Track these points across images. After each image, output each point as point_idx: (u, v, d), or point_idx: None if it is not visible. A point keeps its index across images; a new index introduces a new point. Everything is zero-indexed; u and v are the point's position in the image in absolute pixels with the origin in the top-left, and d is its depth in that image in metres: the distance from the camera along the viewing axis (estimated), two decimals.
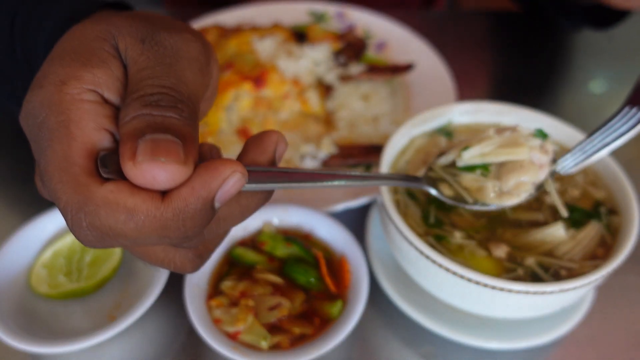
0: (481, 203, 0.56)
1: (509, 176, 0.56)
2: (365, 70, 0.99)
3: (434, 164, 0.60)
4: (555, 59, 1.16)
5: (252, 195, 0.41)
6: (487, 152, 0.57)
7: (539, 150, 0.57)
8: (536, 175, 0.56)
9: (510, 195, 0.56)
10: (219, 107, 0.89)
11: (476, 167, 0.58)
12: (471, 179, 0.57)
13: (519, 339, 0.63)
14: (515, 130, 0.60)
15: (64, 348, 0.58)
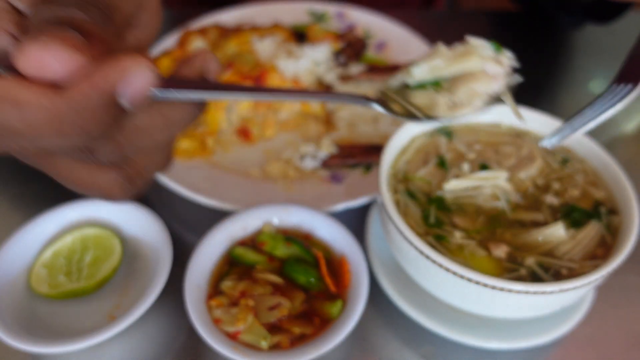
0: (432, 117, 0.54)
1: (461, 88, 0.54)
2: (365, 70, 0.99)
3: (384, 86, 0.58)
4: (555, 58, 1.16)
5: (176, 106, 0.39)
6: (438, 66, 0.55)
7: (493, 61, 0.56)
8: (490, 85, 0.55)
9: (462, 105, 0.54)
10: (218, 107, 0.89)
11: (427, 84, 0.55)
12: (423, 96, 0.55)
13: (519, 338, 0.63)
14: (466, 42, 0.58)
15: (64, 348, 0.58)
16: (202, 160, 0.86)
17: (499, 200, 0.64)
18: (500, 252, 0.59)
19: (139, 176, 0.43)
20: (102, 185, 0.41)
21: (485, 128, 0.74)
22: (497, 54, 0.57)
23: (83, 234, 0.70)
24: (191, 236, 0.78)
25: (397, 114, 0.54)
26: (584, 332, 0.67)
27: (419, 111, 0.54)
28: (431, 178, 0.67)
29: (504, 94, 0.56)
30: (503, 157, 0.70)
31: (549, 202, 0.64)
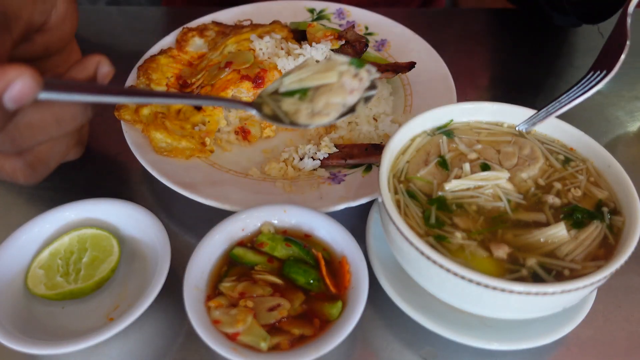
0: (295, 122, 0.62)
1: (319, 98, 0.62)
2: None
3: (263, 92, 0.66)
4: (555, 57, 1.15)
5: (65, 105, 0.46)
6: (304, 77, 0.63)
7: (351, 76, 0.63)
8: (345, 97, 0.62)
9: (320, 115, 0.62)
10: (217, 106, 0.88)
11: (295, 92, 0.64)
12: (290, 103, 0.63)
13: (520, 340, 0.62)
14: (329, 59, 0.66)
15: (61, 349, 0.57)
16: (200, 160, 0.86)
17: (501, 201, 0.63)
18: (502, 253, 0.58)
19: (41, 163, 0.50)
20: (7, 170, 0.49)
21: (487, 127, 0.74)
22: (357, 69, 0.64)
23: (80, 235, 0.70)
24: (190, 236, 0.78)
25: (267, 117, 0.63)
26: (585, 332, 0.66)
27: (285, 116, 0.63)
28: (432, 178, 0.67)
29: (358, 106, 0.64)
30: (504, 156, 0.69)
31: (551, 202, 0.64)
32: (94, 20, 1.24)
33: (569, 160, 0.69)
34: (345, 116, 0.63)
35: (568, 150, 0.71)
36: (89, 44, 1.18)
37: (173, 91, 0.55)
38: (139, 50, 1.03)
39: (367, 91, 0.65)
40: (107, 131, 0.94)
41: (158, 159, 0.83)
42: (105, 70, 0.49)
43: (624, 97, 1.06)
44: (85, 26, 1.23)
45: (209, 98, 0.63)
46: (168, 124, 0.86)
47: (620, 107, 1.03)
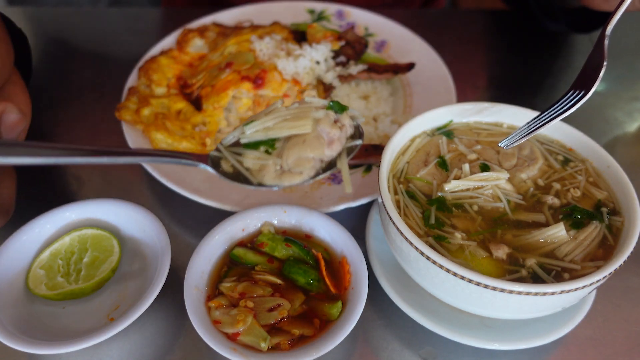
0: (261, 184, 0.53)
1: (289, 153, 0.52)
2: (365, 69, 0.98)
3: (221, 144, 0.56)
4: (554, 58, 1.16)
5: None
6: (271, 126, 0.53)
7: (329, 124, 0.53)
8: (322, 150, 0.52)
9: (291, 174, 0.52)
10: (218, 107, 0.88)
11: (260, 143, 0.54)
12: (254, 157, 0.54)
13: (520, 340, 0.62)
14: (303, 101, 0.56)
15: (62, 349, 0.57)
16: None
17: (500, 201, 0.64)
18: (501, 253, 0.58)
19: None
20: None
21: (487, 128, 0.74)
22: (338, 114, 0.54)
23: (81, 235, 0.70)
24: (190, 237, 0.78)
25: (226, 175, 0.53)
26: (585, 332, 0.67)
27: (249, 174, 0.53)
28: (431, 178, 0.67)
29: (339, 161, 0.54)
30: (504, 157, 0.69)
31: (550, 202, 0.64)
32: (95, 21, 1.25)
33: (568, 161, 0.70)
34: (322, 175, 0.53)
35: (567, 150, 0.71)
36: (90, 45, 1.18)
37: (106, 147, 0.49)
38: (139, 51, 1.03)
39: (351, 141, 0.55)
40: (107, 131, 0.95)
41: None
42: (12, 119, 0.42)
43: (622, 98, 1.06)
44: (86, 28, 1.23)
45: (143, 154, 0.50)
46: (169, 124, 0.87)
47: (619, 108, 1.03)
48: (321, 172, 0.53)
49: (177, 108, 0.91)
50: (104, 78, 1.08)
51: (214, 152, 0.55)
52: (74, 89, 1.06)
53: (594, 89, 0.56)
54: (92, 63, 1.13)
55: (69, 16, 1.27)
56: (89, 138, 0.95)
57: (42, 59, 1.15)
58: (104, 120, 0.96)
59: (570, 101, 0.57)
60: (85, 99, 1.03)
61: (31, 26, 1.25)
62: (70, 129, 0.97)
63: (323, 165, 0.53)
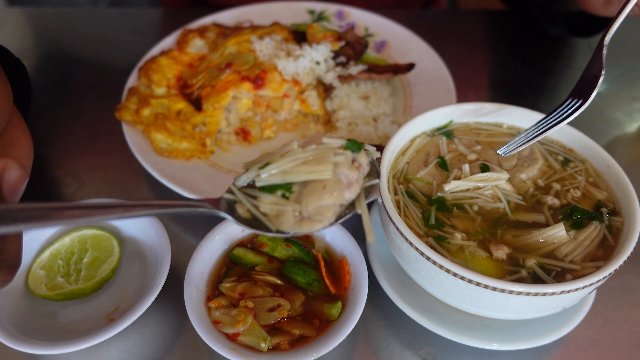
0: (280, 230, 0.50)
1: (309, 199, 0.50)
2: (365, 70, 0.98)
3: (234, 185, 0.53)
4: (555, 59, 1.16)
5: None
6: (289, 169, 0.51)
7: (348, 166, 0.51)
8: (342, 195, 0.51)
9: (311, 221, 0.50)
10: (218, 107, 0.88)
11: (277, 187, 0.51)
12: (271, 202, 0.51)
13: (520, 340, 0.62)
14: (321, 142, 0.53)
15: (62, 349, 0.57)
16: (201, 160, 0.86)
17: (500, 202, 0.64)
18: (501, 254, 0.58)
19: None
20: None
21: (487, 128, 0.74)
22: (355, 153, 0.53)
23: (81, 235, 0.70)
24: (190, 237, 0.78)
25: (243, 222, 0.50)
26: (585, 333, 0.67)
27: (267, 220, 0.50)
28: (431, 179, 0.67)
29: (358, 204, 0.52)
30: (504, 158, 0.69)
31: (550, 203, 0.64)
32: (95, 22, 1.25)
33: (568, 161, 0.70)
34: (342, 219, 0.51)
35: (567, 151, 0.71)
36: (90, 45, 1.18)
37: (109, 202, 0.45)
38: (139, 51, 1.03)
39: (368, 180, 0.54)
40: (107, 132, 0.95)
41: (159, 159, 0.83)
42: (14, 177, 0.39)
43: (622, 99, 1.06)
44: (87, 28, 1.23)
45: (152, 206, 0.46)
46: (169, 125, 0.87)
47: (619, 109, 1.04)
48: (341, 218, 0.52)
49: (177, 108, 0.91)
50: (104, 78, 1.08)
51: (228, 195, 0.53)
52: (74, 90, 1.06)
53: (592, 98, 0.57)
54: (92, 63, 1.13)
55: (69, 16, 1.27)
56: (88, 138, 0.95)
57: (42, 59, 1.15)
58: (104, 120, 0.96)
59: (568, 109, 0.58)
60: (85, 99, 1.03)
61: (31, 26, 1.25)
62: (71, 129, 0.97)
63: (342, 208, 0.52)
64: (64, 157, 0.91)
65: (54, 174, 0.89)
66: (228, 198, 0.52)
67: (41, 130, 0.97)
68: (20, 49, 1.17)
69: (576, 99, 0.58)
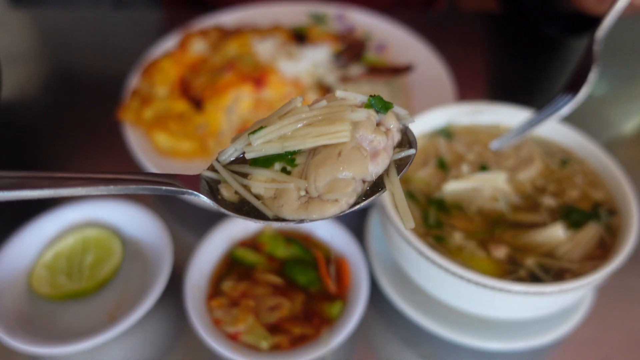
0: (279, 217, 0.37)
1: (319, 172, 0.35)
2: (365, 71, 0.99)
3: (217, 161, 0.39)
4: (553, 60, 1.16)
5: None
6: (290, 134, 0.36)
7: (372, 129, 0.37)
8: (365, 166, 0.36)
9: (322, 202, 0.36)
10: (219, 108, 0.89)
11: (275, 158, 0.37)
12: (266, 179, 0.37)
13: (518, 339, 0.63)
14: (333, 97, 0.38)
15: (65, 349, 0.58)
16: (202, 161, 0.86)
17: (498, 202, 0.64)
18: (500, 253, 0.59)
19: None
20: None
21: (485, 129, 0.74)
22: (381, 114, 0.38)
23: (84, 235, 0.70)
24: (192, 237, 0.78)
25: (229, 207, 0.37)
26: (584, 333, 0.67)
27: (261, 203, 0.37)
28: (431, 179, 0.67)
29: (388, 181, 0.37)
30: (502, 158, 0.70)
31: (548, 203, 0.64)
32: (97, 23, 1.26)
33: (565, 162, 0.70)
34: (366, 202, 0.37)
35: (565, 151, 0.72)
36: (93, 47, 1.19)
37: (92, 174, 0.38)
38: (141, 53, 1.04)
39: (399, 151, 0.39)
40: (108, 132, 0.95)
41: (160, 160, 0.83)
42: None
43: (620, 98, 1.06)
44: (89, 29, 1.24)
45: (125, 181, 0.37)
46: (170, 125, 0.87)
47: (616, 108, 1.04)
48: (364, 199, 0.37)
49: (178, 109, 0.91)
50: (105, 79, 1.08)
51: (208, 173, 0.39)
52: (76, 91, 1.07)
53: (582, 93, 0.57)
54: (93, 65, 1.14)
55: (71, 18, 1.28)
56: (89, 139, 0.95)
57: (44, 60, 1.16)
58: (105, 121, 0.97)
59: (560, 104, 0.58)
60: (86, 101, 1.04)
61: (33, 28, 1.26)
62: (72, 130, 0.97)
63: (366, 187, 0.37)
64: (64, 157, 0.92)
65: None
66: (208, 176, 0.39)
67: (42, 131, 0.97)
68: (22, 50, 1.18)
69: (568, 94, 0.58)
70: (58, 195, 0.36)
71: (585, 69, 0.57)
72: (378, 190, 0.38)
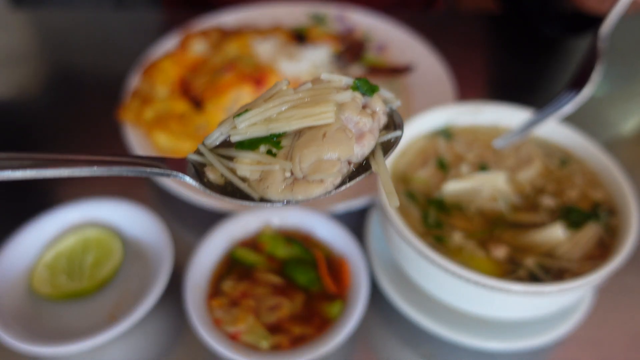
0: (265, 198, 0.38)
1: (304, 152, 0.36)
2: (365, 71, 0.99)
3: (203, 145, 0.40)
4: (553, 60, 1.16)
5: None
6: (275, 116, 0.37)
7: (357, 110, 0.38)
8: (350, 147, 0.37)
9: (307, 183, 0.37)
10: (219, 108, 0.89)
11: (260, 140, 0.38)
12: (251, 162, 0.38)
13: (519, 339, 0.63)
14: (319, 80, 0.39)
15: (65, 348, 0.58)
16: None
17: (498, 202, 0.64)
18: (500, 253, 0.59)
19: None
20: None
21: (484, 130, 0.75)
22: (366, 97, 0.39)
23: (85, 235, 0.70)
24: (192, 237, 0.79)
25: (215, 189, 0.38)
26: (584, 333, 0.67)
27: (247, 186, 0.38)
28: (430, 179, 0.67)
29: (374, 162, 0.38)
30: (502, 158, 0.70)
31: (547, 203, 0.64)
32: (98, 23, 1.26)
33: (565, 162, 0.70)
34: (351, 182, 0.38)
35: (564, 151, 0.72)
36: (93, 47, 1.19)
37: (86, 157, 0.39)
38: (141, 53, 1.04)
39: (385, 133, 0.40)
40: (109, 132, 0.95)
41: None
42: None
43: (620, 98, 1.06)
44: (89, 30, 1.24)
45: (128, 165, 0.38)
46: (171, 125, 0.87)
47: (615, 108, 1.04)
48: (349, 179, 0.38)
49: (179, 109, 0.92)
50: (105, 79, 1.08)
51: (195, 156, 0.40)
52: (76, 91, 1.07)
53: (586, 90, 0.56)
54: (93, 65, 1.14)
55: (72, 18, 1.28)
56: (89, 139, 0.95)
57: (44, 60, 1.16)
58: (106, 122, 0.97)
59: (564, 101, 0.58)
60: (86, 101, 1.04)
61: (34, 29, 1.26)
62: (72, 130, 0.98)
63: (351, 168, 0.38)
64: None
65: None
66: (194, 159, 0.39)
67: (42, 131, 0.97)
68: (22, 50, 1.18)
69: (572, 91, 0.58)
70: (41, 177, 0.36)
71: (589, 66, 0.57)
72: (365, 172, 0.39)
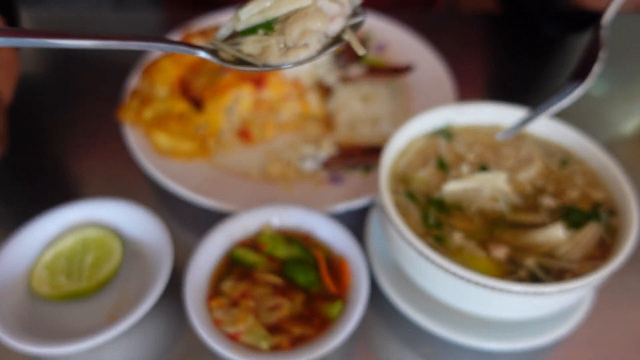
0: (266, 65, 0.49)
1: (292, 27, 0.48)
2: (365, 71, 0.99)
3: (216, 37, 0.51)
4: (555, 59, 1.16)
5: None
6: (267, 7, 0.50)
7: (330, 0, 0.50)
8: (326, 22, 0.49)
9: (297, 48, 0.48)
10: (219, 108, 0.89)
11: (258, 26, 0.50)
12: (254, 41, 0.49)
13: (518, 339, 0.63)
14: None
15: (64, 349, 0.58)
16: (202, 161, 0.86)
17: (498, 202, 0.64)
18: (500, 253, 0.59)
19: None
20: None
21: (485, 130, 0.75)
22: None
23: (84, 235, 0.70)
24: (191, 237, 0.79)
25: (228, 62, 0.50)
26: (584, 333, 0.67)
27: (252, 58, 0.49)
28: (430, 179, 0.67)
29: (345, 32, 0.51)
30: (502, 158, 0.70)
31: (548, 203, 0.64)
32: (98, 23, 1.26)
33: (565, 162, 0.70)
34: (331, 48, 0.50)
35: (565, 151, 0.72)
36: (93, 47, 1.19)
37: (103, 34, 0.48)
38: (141, 53, 1.04)
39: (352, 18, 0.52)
40: (109, 132, 0.95)
41: (160, 160, 0.84)
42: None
43: (619, 98, 1.06)
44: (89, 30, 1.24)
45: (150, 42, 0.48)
46: (171, 125, 0.87)
47: (616, 108, 1.04)
48: (328, 47, 0.50)
49: (178, 109, 0.91)
50: (105, 80, 1.08)
51: (209, 46, 0.51)
52: (75, 91, 1.07)
53: (589, 80, 0.55)
54: (93, 65, 1.14)
55: (72, 18, 1.28)
56: (89, 139, 0.95)
57: (44, 60, 1.16)
58: (105, 122, 0.97)
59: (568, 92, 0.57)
60: (85, 101, 1.04)
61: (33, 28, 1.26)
62: (71, 130, 0.98)
63: (329, 40, 0.50)
64: (64, 158, 0.92)
65: (55, 174, 0.90)
66: (209, 47, 0.50)
67: (42, 131, 0.97)
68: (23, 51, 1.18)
69: (575, 82, 0.58)
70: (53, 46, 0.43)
71: (592, 57, 0.56)
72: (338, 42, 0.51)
